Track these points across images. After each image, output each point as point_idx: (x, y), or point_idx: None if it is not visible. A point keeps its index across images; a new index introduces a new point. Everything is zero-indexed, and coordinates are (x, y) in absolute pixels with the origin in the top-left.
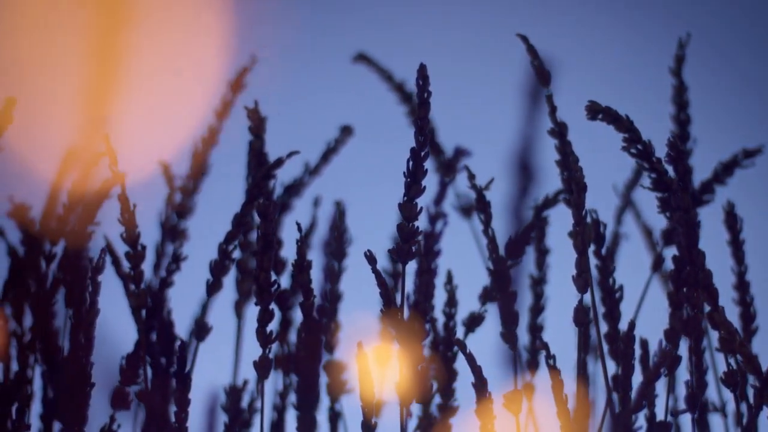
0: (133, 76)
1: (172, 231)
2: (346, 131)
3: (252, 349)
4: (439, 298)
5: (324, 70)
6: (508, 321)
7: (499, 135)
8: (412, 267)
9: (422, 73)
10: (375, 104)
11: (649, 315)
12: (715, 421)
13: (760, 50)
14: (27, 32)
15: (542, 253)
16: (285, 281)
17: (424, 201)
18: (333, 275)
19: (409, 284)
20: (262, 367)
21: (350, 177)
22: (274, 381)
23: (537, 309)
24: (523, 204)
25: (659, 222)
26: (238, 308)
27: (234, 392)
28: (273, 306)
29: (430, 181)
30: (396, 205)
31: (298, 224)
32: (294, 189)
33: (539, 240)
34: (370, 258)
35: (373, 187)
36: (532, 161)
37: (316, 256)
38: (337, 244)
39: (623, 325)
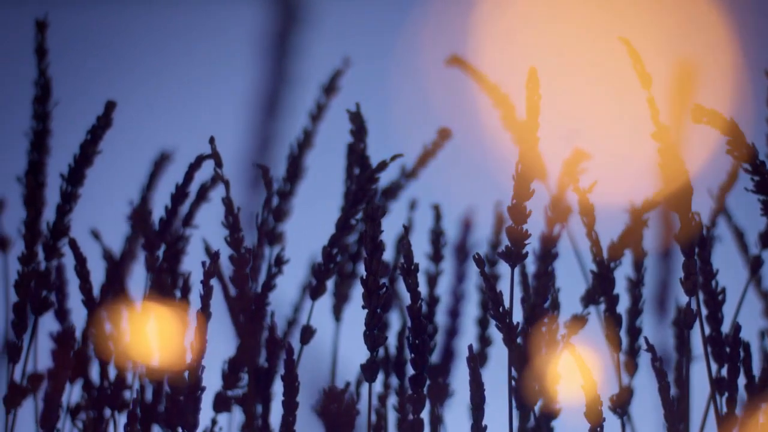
0: None
1: (270, 234)
2: (444, 134)
3: (346, 351)
4: None
5: (415, 72)
6: (612, 323)
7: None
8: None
9: (532, 76)
10: (468, 107)
11: (742, 317)
12: None
13: None
14: None
15: (639, 256)
16: None
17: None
18: (431, 278)
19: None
20: (370, 370)
21: (442, 179)
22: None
23: (635, 311)
24: None
25: (751, 224)
26: (337, 311)
27: (333, 395)
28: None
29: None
30: (488, 207)
31: (405, 227)
32: (391, 192)
33: (637, 242)
34: (479, 261)
35: (466, 189)
36: None
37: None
38: (434, 248)
39: (725, 328)
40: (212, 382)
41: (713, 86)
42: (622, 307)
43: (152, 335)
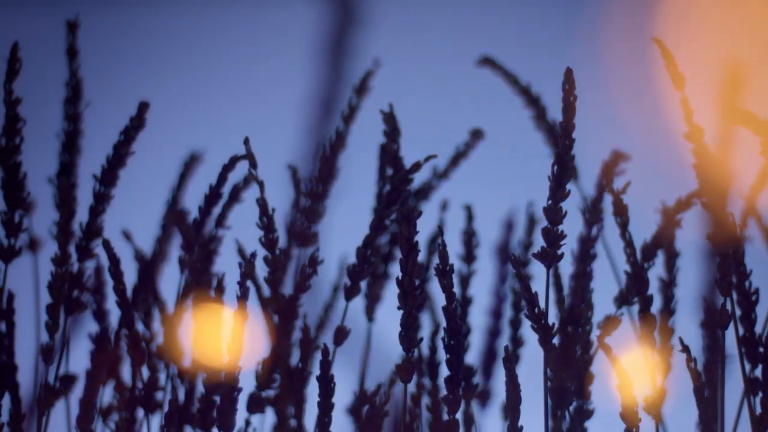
0: None
1: (302, 235)
2: (477, 135)
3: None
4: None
5: (446, 73)
6: (646, 324)
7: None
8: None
9: (568, 77)
10: (498, 107)
11: None
12: None
13: None
14: None
15: (671, 257)
16: None
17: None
18: (463, 279)
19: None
20: (405, 371)
21: (473, 179)
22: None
23: (668, 312)
24: None
25: None
26: (370, 311)
27: (364, 396)
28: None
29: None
30: (517, 207)
31: (440, 228)
32: (423, 193)
33: (669, 242)
34: (515, 262)
35: (497, 189)
36: None
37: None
38: (466, 248)
39: (758, 328)
40: (244, 383)
41: (760, 87)
42: (654, 307)
43: (186, 336)
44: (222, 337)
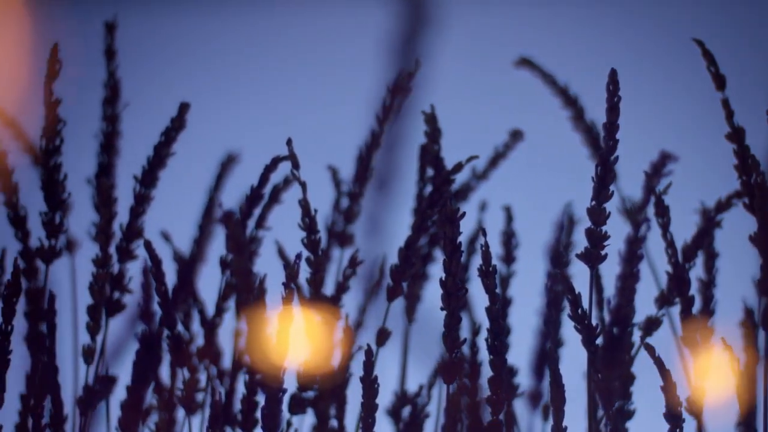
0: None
1: (340, 236)
2: (516, 136)
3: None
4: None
5: (483, 73)
6: (688, 324)
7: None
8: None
9: (613, 78)
10: (536, 108)
11: None
12: None
13: None
14: None
15: (711, 257)
16: None
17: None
18: (503, 280)
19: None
20: (449, 372)
21: (511, 180)
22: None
23: (707, 312)
24: None
25: None
26: (409, 312)
27: (405, 398)
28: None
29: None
30: (556, 207)
31: (483, 229)
32: (462, 194)
33: (708, 243)
34: (558, 262)
35: (533, 190)
36: None
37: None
38: (505, 249)
39: None
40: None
41: None
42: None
43: (227, 337)
44: (265, 338)
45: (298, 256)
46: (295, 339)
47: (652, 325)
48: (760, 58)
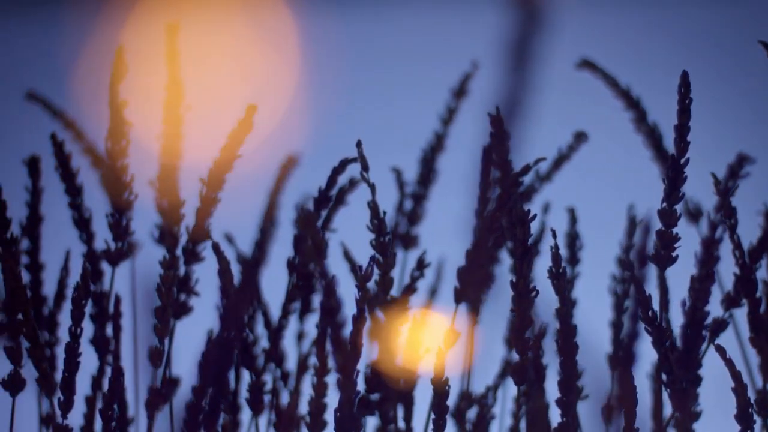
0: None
1: (404, 238)
2: (581, 137)
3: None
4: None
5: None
6: (757, 326)
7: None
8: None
9: (684, 80)
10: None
11: None
12: None
13: None
14: None
15: None
16: None
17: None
18: (567, 282)
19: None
20: (519, 373)
21: (574, 181)
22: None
23: None
24: None
25: None
26: (473, 314)
27: (468, 398)
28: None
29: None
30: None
31: (553, 231)
32: (525, 196)
33: None
34: (627, 263)
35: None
36: None
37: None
38: (570, 251)
39: None
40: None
41: None
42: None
43: (293, 339)
44: (334, 339)
45: (372, 259)
46: (367, 341)
47: (719, 326)
48: None
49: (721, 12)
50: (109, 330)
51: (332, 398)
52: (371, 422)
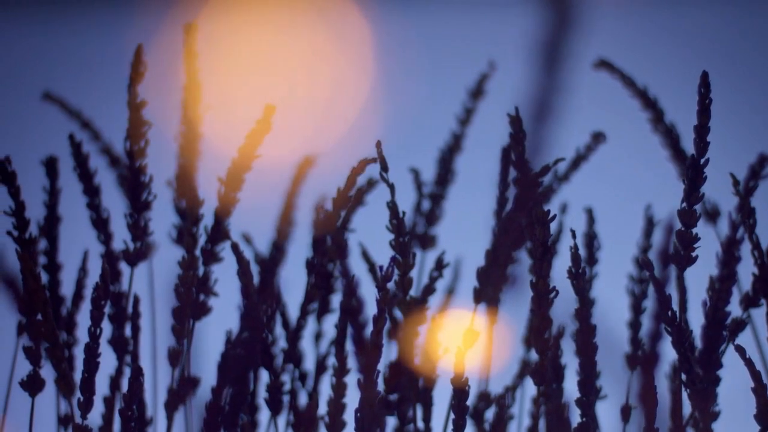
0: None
1: (422, 238)
2: (598, 138)
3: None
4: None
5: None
6: None
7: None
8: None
9: (704, 81)
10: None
11: None
12: None
13: None
14: None
15: None
16: None
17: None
18: (585, 282)
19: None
20: (539, 374)
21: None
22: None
23: None
24: None
25: None
26: (492, 314)
27: (487, 398)
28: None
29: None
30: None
31: (573, 231)
32: (543, 196)
33: None
34: (647, 263)
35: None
36: None
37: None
38: (588, 251)
39: None
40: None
41: None
42: None
43: (311, 339)
44: (357, 340)
45: (393, 259)
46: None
47: (738, 326)
48: None
49: (737, 13)
50: (127, 330)
51: (350, 398)
52: (390, 422)
